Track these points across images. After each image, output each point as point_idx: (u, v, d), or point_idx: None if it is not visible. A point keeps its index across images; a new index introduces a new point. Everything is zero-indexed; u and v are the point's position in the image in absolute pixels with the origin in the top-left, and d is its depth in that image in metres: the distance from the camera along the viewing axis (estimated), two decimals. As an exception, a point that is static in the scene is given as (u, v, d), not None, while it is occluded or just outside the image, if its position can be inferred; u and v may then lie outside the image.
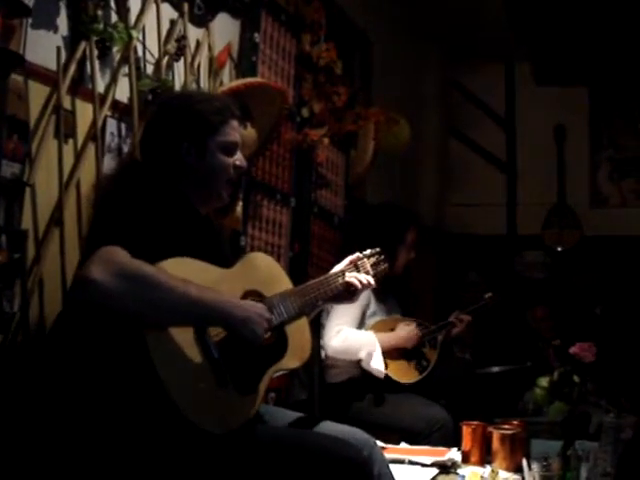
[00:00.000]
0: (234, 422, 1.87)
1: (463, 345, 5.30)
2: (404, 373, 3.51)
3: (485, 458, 2.90)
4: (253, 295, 2.06)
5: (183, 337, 1.81)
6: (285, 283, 2.21)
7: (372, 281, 2.43)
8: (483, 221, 6.52)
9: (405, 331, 3.55)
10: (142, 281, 1.74)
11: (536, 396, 2.95)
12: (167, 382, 1.74)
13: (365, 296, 3.50)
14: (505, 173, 6.60)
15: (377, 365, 3.34)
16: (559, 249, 6.28)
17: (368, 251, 2.56)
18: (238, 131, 2.19)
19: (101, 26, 2.54)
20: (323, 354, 3.45)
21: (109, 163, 2.60)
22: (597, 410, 3.09)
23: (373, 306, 3.60)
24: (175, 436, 1.78)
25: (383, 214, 3.76)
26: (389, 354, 3.46)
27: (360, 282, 2.38)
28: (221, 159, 2.13)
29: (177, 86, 2.93)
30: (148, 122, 2.21)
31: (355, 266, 2.45)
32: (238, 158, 2.17)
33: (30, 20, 2.31)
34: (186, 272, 1.86)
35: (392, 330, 3.60)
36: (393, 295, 3.80)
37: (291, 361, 2.12)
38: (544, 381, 2.94)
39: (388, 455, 2.77)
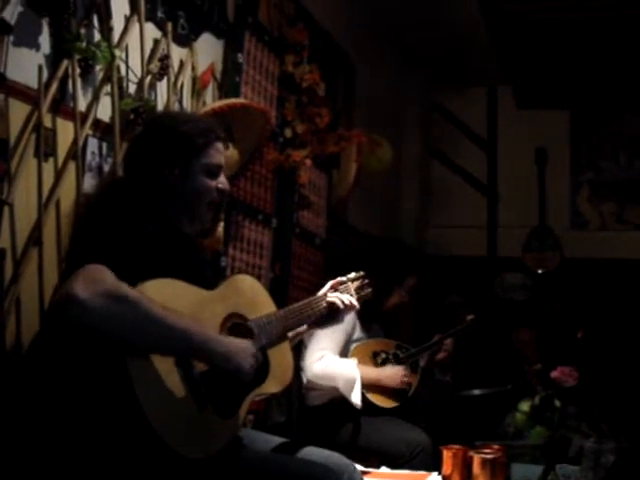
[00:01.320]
0: (214, 446, 1.85)
1: (443, 367, 5.30)
2: (385, 397, 3.48)
3: (466, 482, 2.88)
4: (236, 318, 2.04)
5: (164, 359, 1.79)
6: (268, 306, 2.19)
7: (355, 303, 2.42)
8: (464, 243, 6.54)
9: (391, 371, 3.51)
10: (128, 305, 1.71)
11: (517, 420, 2.94)
12: (146, 406, 1.71)
13: (351, 322, 3.48)
14: (486, 195, 6.61)
15: (355, 398, 3.28)
16: (540, 271, 6.29)
17: (352, 274, 2.55)
18: (222, 153, 2.18)
19: (84, 44, 2.52)
20: (303, 377, 3.42)
21: (89, 182, 2.58)
22: (576, 434, 3.09)
23: (358, 333, 3.58)
24: (154, 461, 1.76)
25: (390, 251, 3.75)
26: (371, 385, 3.44)
27: (342, 302, 2.36)
28: (204, 181, 2.12)
29: (160, 106, 2.91)
30: (133, 140, 2.20)
31: (338, 289, 2.44)
32: (221, 181, 2.16)
33: (12, 38, 2.29)
34: (169, 294, 1.84)
35: (374, 353, 3.58)
36: (378, 325, 3.78)
37: (272, 386, 2.10)
38: (525, 405, 2.93)
39: None
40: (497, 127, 6.68)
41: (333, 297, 2.36)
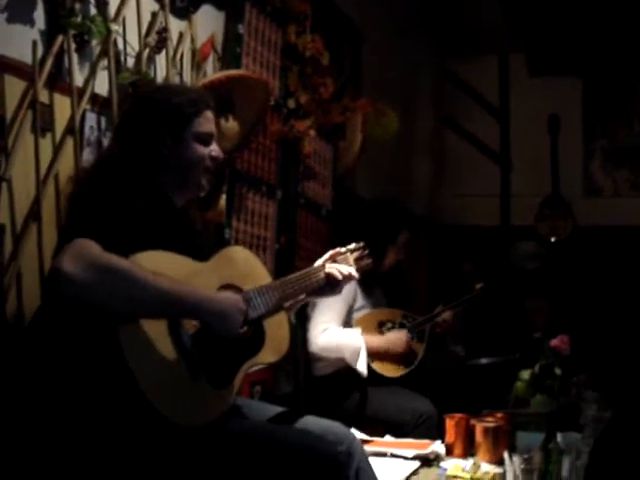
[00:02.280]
0: (207, 416, 1.87)
1: (455, 338, 5.30)
2: (390, 366, 3.51)
3: (469, 451, 2.90)
4: (230, 289, 2.05)
5: (156, 330, 1.81)
6: (264, 277, 2.20)
7: (354, 273, 2.42)
8: (477, 212, 6.52)
9: (395, 336, 3.54)
10: (114, 274, 1.74)
11: (517, 389, 2.94)
12: (138, 375, 1.74)
13: (351, 291, 3.50)
14: (499, 164, 6.57)
15: (361, 367, 3.33)
16: (552, 239, 6.26)
17: (352, 245, 2.56)
18: (213, 122, 2.20)
19: (79, 19, 2.52)
20: (309, 348, 3.44)
21: (88, 157, 2.59)
22: (583, 402, 3.09)
23: (360, 300, 3.59)
24: (146, 429, 1.79)
25: (378, 211, 3.75)
26: (376, 353, 3.46)
27: (341, 273, 2.37)
28: (196, 149, 2.15)
29: (159, 79, 2.91)
30: (124, 114, 2.23)
31: (337, 260, 2.44)
32: (214, 149, 2.19)
33: (6, 14, 2.29)
34: (160, 265, 1.86)
35: (380, 323, 3.60)
36: (380, 289, 3.79)
37: (268, 355, 2.12)
38: (526, 374, 2.93)
39: (371, 448, 2.78)
40: (509, 95, 6.62)
41: (331, 268, 2.37)
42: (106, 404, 1.77)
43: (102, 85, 2.66)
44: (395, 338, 3.52)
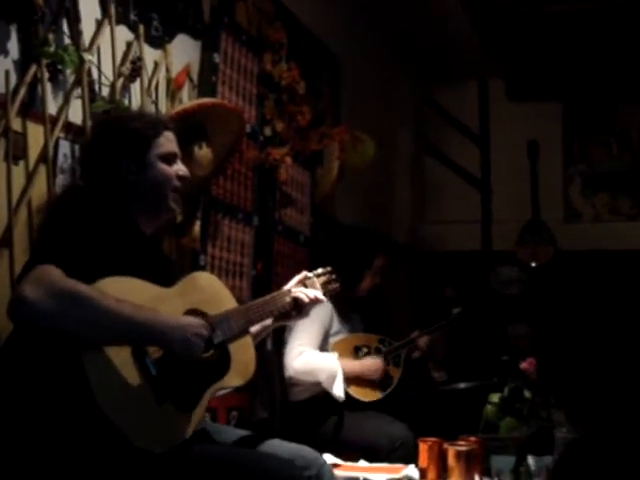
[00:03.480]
0: (173, 440, 1.88)
1: (437, 363, 5.31)
2: (367, 391, 3.52)
3: (442, 475, 2.91)
4: (195, 314, 2.06)
5: (120, 355, 1.83)
6: (229, 302, 2.21)
7: (320, 296, 2.44)
8: (458, 238, 6.54)
9: (371, 362, 3.55)
10: (74, 300, 1.76)
11: (487, 412, 2.96)
12: (102, 400, 1.75)
13: (328, 315, 3.52)
14: (479, 189, 6.62)
15: (337, 391, 3.33)
16: (533, 264, 6.29)
17: (319, 270, 2.58)
18: (174, 142, 2.22)
19: (52, 49, 2.56)
20: (285, 373, 3.45)
21: (62, 184, 2.62)
22: (555, 426, 3.10)
23: (336, 325, 3.61)
24: (112, 454, 1.79)
25: (354, 237, 3.78)
26: (352, 378, 3.47)
27: (307, 297, 2.39)
28: (162, 169, 2.17)
29: (134, 107, 2.94)
30: (85, 145, 2.25)
31: (304, 285, 2.46)
32: (180, 168, 2.21)
33: (-21, 44, 2.33)
34: (125, 291, 1.88)
35: (355, 348, 3.61)
36: (358, 314, 3.81)
37: (234, 379, 2.12)
38: (495, 397, 2.95)
39: (343, 473, 2.79)
40: (489, 120, 6.67)
41: (298, 292, 2.39)
42: (71, 430, 1.77)
43: (76, 114, 2.70)
44: (371, 364, 3.54)
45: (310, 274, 2.50)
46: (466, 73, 6.48)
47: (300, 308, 2.39)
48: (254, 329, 2.32)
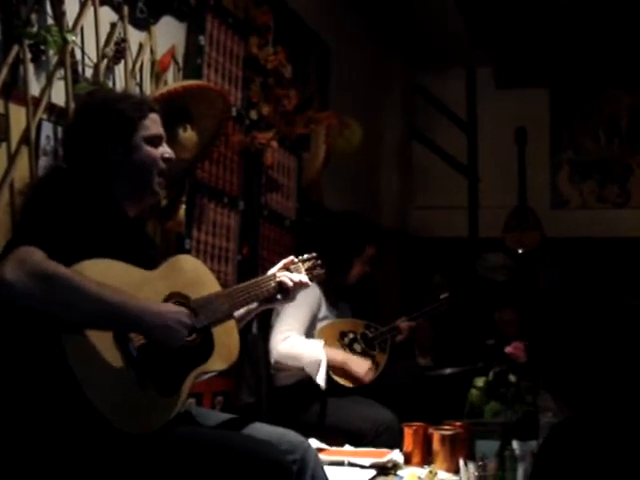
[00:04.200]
0: (154, 423, 1.87)
1: (423, 349, 5.32)
2: (351, 377, 3.50)
3: (427, 459, 2.92)
4: (177, 297, 2.05)
5: (102, 337, 1.81)
6: (213, 286, 2.19)
7: (305, 280, 2.43)
8: (445, 224, 6.55)
9: (360, 361, 3.50)
10: (55, 282, 1.74)
11: (472, 396, 2.96)
12: (84, 383, 1.75)
13: (316, 300, 3.51)
14: (466, 176, 6.62)
15: (320, 379, 3.31)
16: (520, 251, 6.30)
17: (305, 255, 2.57)
18: (159, 124, 2.20)
19: (34, 29, 2.53)
20: (271, 358, 3.44)
21: (44, 166, 2.59)
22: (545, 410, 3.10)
23: (324, 311, 3.59)
24: (94, 437, 1.79)
25: (345, 223, 3.75)
26: (336, 368, 3.45)
27: (292, 280, 2.38)
28: (148, 151, 2.14)
29: (118, 89, 2.92)
30: (69, 126, 2.22)
31: (288, 270, 2.45)
32: (165, 150, 2.19)
33: (-40, 24, 2.30)
34: (107, 273, 1.87)
35: (341, 333, 3.60)
36: (346, 302, 3.80)
37: (217, 363, 2.11)
38: (480, 381, 2.95)
39: (328, 457, 2.79)
40: (476, 107, 6.66)
41: (283, 276, 2.38)
42: (53, 414, 1.77)
43: (59, 95, 2.67)
44: (359, 362, 3.49)
45: (296, 259, 2.49)
46: (454, 60, 6.46)
47: (285, 292, 2.38)
48: (239, 313, 2.30)
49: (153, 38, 3.13)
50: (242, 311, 2.34)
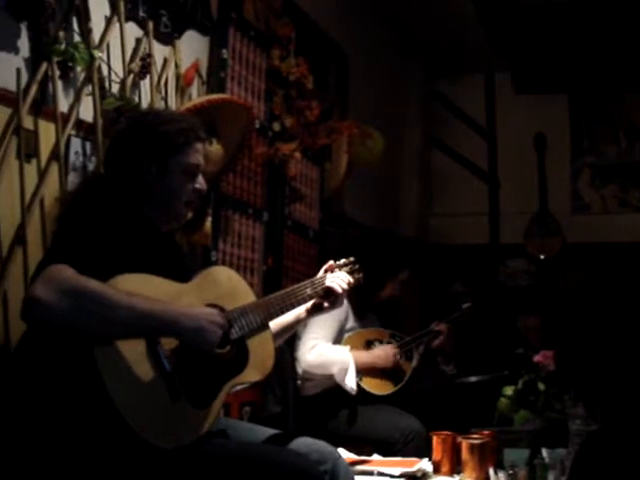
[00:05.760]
0: (186, 437, 1.87)
1: (446, 357, 5.31)
2: (379, 385, 3.52)
3: (456, 468, 2.91)
4: (213, 309, 2.06)
5: (134, 350, 1.82)
6: (247, 296, 2.20)
7: (352, 280, 2.45)
8: (466, 231, 6.53)
9: (382, 350, 3.55)
10: (86, 297, 1.74)
11: (501, 405, 2.96)
12: (116, 396, 1.75)
13: (343, 311, 3.51)
14: (487, 183, 6.61)
15: (350, 383, 3.33)
16: (542, 257, 6.29)
17: (342, 260, 2.57)
18: (202, 154, 2.20)
19: (62, 47, 2.56)
20: (298, 368, 3.45)
21: (74, 181, 2.62)
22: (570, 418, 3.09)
23: (351, 322, 3.61)
24: (126, 452, 1.79)
25: (385, 244, 3.76)
26: (364, 369, 3.47)
27: (340, 286, 2.38)
28: (180, 181, 2.14)
29: (144, 104, 2.95)
30: (114, 138, 2.23)
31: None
32: (199, 182, 2.18)
33: (-10, 42, 2.34)
34: (141, 287, 1.87)
35: (367, 342, 3.61)
36: (373, 314, 3.81)
37: (252, 375, 2.11)
38: (509, 390, 2.95)
39: (357, 467, 2.79)
40: (496, 114, 6.66)
41: (330, 282, 2.38)
42: (85, 428, 1.77)
43: (87, 111, 2.71)
44: (382, 353, 3.53)
45: (333, 264, 2.49)
46: (473, 67, 6.47)
47: (334, 297, 2.38)
48: (287, 320, 2.32)
49: (177, 52, 3.16)
50: (277, 329, 2.35)
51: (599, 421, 2.61)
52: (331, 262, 2.50)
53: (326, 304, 2.42)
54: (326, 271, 2.46)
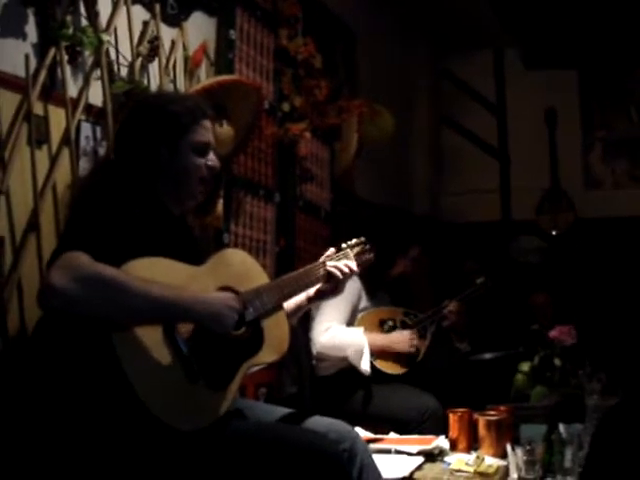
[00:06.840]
0: (205, 418, 1.88)
1: (460, 334, 5.30)
2: (393, 365, 3.52)
3: (472, 445, 2.91)
4: (227, 291, 2.05)
5: (151, 335, 1.83)
6: (261, 278, 2.20)
7: (354, 267, 2.41)
8: (478, 208, 6.52)
9: (400, 335, 3.54)
10: (102, 284, 1.75)
11: (517, 381, 2.96)
12: (135, 381, 1.76)
13: (356, 291, 3.51)
14: (497, 159, 6.58)
15: (364, 365, 3.33)
16: (554, 233, 6.27)
17: (353, 241, 2.55)
18: (211, 131, 2.20)
19: (70, 31, 2.55)
20: (312, 348, 3.46)
21: (85, 166, 2.62)
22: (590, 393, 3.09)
23: (364, 302, 3.60)
24: (146, 435, 1.80)
25: (393, 220, 3.76)
26: (380, 352, 3.47)
27: (341, 271, 2.36)
28: (193, 159, 2.14)
29: (153, 87, 2.94)
30: (122, 123, 2.23)
31: (337, 256, 2.43)
32: (210, 158, 2.18)
33: (-2, 29, 2.33)
34: (156, 271, 1.88)
35: (381, 321, 3.61)
36: (384, 292, 3.80)
37: (268, 355, 2.12)
38: (525, 366, 2.95)
39: (374, 446, 2.80)
40: (505, 90, 6.63)
41: (331, 267, 2.36)
42: (105, 412, 1.78)
43: (96, 95, 2.69)
44: (400, 338, 3.52)
45: (344, 245, 2.48)
46: (482, 43, 6.43)
47: (334, 283, 2.37)
48: (289, 308, 2.30)
49: (185, 34, 3.14)
50: (292, 306, 2.35)
51: (619, 395, 2.60)
52: (333, 249, 2.47)
53: (328, 290, 2.38)
54: (332, 254, 2.43)
